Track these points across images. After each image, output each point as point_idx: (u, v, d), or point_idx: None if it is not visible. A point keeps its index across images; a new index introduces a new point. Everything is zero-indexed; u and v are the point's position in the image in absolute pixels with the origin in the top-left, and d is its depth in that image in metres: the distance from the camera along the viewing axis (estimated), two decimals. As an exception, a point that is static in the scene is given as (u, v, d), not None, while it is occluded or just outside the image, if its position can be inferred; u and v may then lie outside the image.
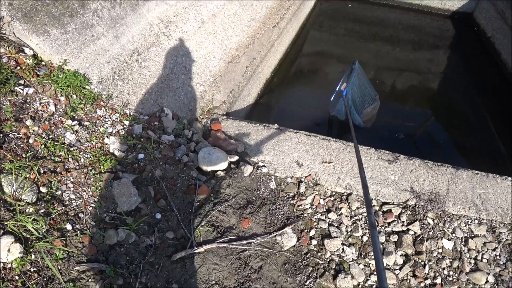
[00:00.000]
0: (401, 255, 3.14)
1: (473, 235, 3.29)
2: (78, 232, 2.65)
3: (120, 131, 3.31)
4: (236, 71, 4.76)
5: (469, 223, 3.35)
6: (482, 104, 6.50)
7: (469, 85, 7.04)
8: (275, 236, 3.09)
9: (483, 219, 3.36)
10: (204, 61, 4.44)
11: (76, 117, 3.18)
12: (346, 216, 3.34)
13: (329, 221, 3.29)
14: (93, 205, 2.80)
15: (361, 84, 5.34)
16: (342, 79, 5.23)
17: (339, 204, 3.41)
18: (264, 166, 3.62)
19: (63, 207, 2.68)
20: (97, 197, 2.85)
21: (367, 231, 3.25)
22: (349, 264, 3.05)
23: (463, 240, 3.25)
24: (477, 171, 3.71)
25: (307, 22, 8.25)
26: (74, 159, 2.93)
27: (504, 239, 3.27)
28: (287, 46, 6.93)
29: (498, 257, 3.18)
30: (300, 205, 3.37)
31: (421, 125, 5.99)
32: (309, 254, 3.07)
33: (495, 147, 5.65)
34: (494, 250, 3.22)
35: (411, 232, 3.26)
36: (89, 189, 2.85)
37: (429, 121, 6.10)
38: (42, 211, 2.56)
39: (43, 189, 2.65)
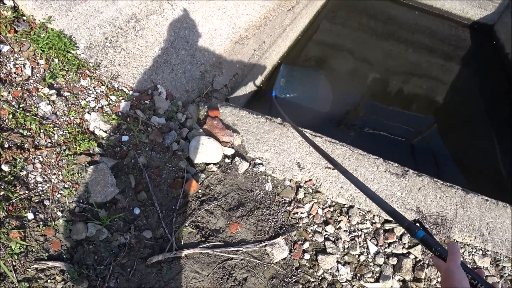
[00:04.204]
0: (399, 280, 2.88)
1: (475, 267, 3.04)
2: (41, 223, 2.27)
3: (104, 107, 2.90)
4: (243, 53, 4.33)
5: (473, 253, 3.11)
6: (490, 122, 6.20)
7: (478, 100, 6.72)
8: (266, 245, 2.75)
9: (488, 250, 3.13)
10: (209, 38, 4.01)
11: (55, 85, 2.78)
12: (344, 231, 3.02)
13: (326, 234, 2.98)
14: (62, 192, 2.42)
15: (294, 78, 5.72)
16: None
17: (338, 216, 3.08)
18: (261, 164, 3.25)
19: (27, 191, 2.30)
20: (68, 182, 2.46)
21: (365, 250, 2.95)
22: (342, 285, 2.76)
23: (465, 272, 2.97)
24: (487, 198, 3.45)
25: (322, 10, 7.81)
26: (46, 134, 2.53)
27: (507, 274, 3.05)
28: (298, 33, 6.50)
29: (499, 293, 2.91)
30: (296, 213, 3.03)
31: (422, 133, 5.74)
32: (300, 270, 2.75)
33: (496, 169, 5.37)
34: (495, 284, 2.94)
35: (411, 256, 2.99)
36: (59, 173, 2.46)
37: (430, 130, 5.84)
38: (0, 193, 2.18)
39: (5, 167, 2.27)
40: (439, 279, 2.90)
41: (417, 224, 1.28)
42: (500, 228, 3.24)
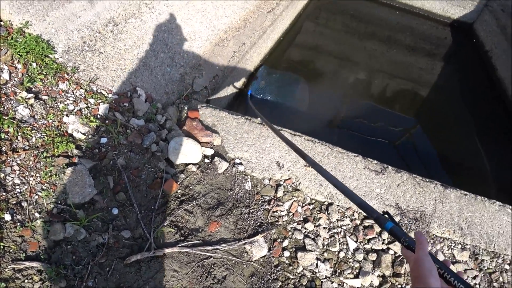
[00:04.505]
0: (378, 275, 2.91)
1: (454, 261, 3.08)
2: (18, 224, 2.29)
3: (83, 110, 2.93)
4: (223, 55, 4.38)
5: (452, 247, 3.15)
6: (471, 118, 6.30)
7: (460, 98, 6.82)
8: (245, 244, 2.78)
9: (467, 244, 3.17)
10: (189, 41, 4.05)
11: (33, 89, 2.80)
12: (324, 228, 3.05)
13: (305, 232, 3.01)
14: (40, 193, 2.44)
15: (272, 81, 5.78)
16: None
17: (318, 213, 3.12)
18: (241, 163, 3.29)
19: (4, 193, 2.32)
20: (45, 184, 2.48)
21: (344, 246, 2.99)
22: (322, 282, 2.78)
23: (444, 265, 3.02)
24: (465, 192, 3.50)
25: (303, 11, 7.89)
26: (24, 137, 2.55)
27: (486, 268, 3.08)
28: (280, 34, 6.56)
29: (477, 286, 3.00)
30: (276, 211, 3.07)
31: (405, 132, 5.78)
32: (279, 267, 2.78)
33: (479, 163, 5.46)
34: (474, 278, 3.03)
35: (391, 252, 3.02)
36: (37, 174, 2.48)
37: (414, 128, 5.89)
38: (-24, 196, 2.20)
39: (-19, 170, 2.28)
40: (417, 273, 2.94)
41: (386, 215, 1.31)
42: (479, 222, 3.28)
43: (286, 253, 2.86)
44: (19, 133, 2.54)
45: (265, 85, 5.52)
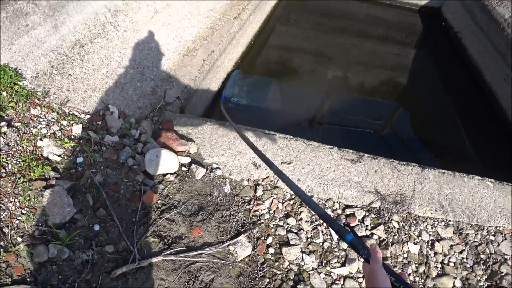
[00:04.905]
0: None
1: (439, 238, 3.14)
2: (1, 249, 2.33)
3: (57, 132, 2.98)
4: (192, 64, 4.45)
5: (435, 225, 3.21)
6: (449, 99, 6.44)
7: (435, 80, 6.97)
8: (228, 245, 2.85)
9: (450, 221, 3.23)
10: (157, 54, 4.12)
11: (5, 117, 2.84)
12: (306, 221, 3.12)
13: (288, 227, 3.07)
14: (20, 217, 2.48)
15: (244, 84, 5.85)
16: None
17: (299, 208, 3.19)
18: (218, 168, 3.36)
19: (-16, 221, 2.36)
20: (25, 208, 2.53)
21: (328, 237, 3.05)
22: (309, 274, 2.84)
23: (430, 244, 3.10)
24: (443, 170, 3.58)
25: (272, 14, 8.00)
26: (0, 165, 2.59)
27: (471, 241, 3.15)
28: (250, 38, 6.65)
29: (465, 260, 3.05)
30: (257, 210, 3.14)
31: (387, 121, 5.89)
32: (265, 264, 2.84)
33: (461, 142, 5.58)
34: (461, 252, 3.08)
35: (375, 237, 3.09)
36: (16, 200, 2.52)
37: (395, 116, 6.00)
38: (-44, 227, 2.24)
39: (-41, 201, 2.32)
40: (405, 255, 3.00)
41: (346, 227, 1.35)
42: (459, 198, 3.36)
43: (271, 250, 2.92)
44: (-5, 162, 2.59)
45: (238, 90, 5.58)
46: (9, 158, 2.67)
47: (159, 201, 3.03)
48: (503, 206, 3.33)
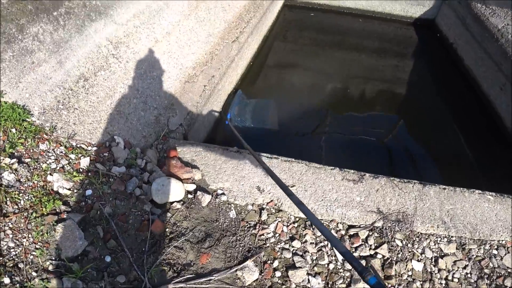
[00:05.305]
0: (370, 280, 3.00)
1: (443, 254, 3.18)
2: (18, 285, 2.40)
3: (65, 166, 3.07)
4: (193, 91, 4.56)
5: (438, 241, 3.25)
6: (447, 109, 6.54)
7: (433, 91, 7.08)
8: (236, 270, 2.91)
9: (452, 237, 3.27)
10: (159, 83, 4.23)
11: (15, 153, 2.94)
12: (311, 243, 3.18)
13: (293, 249, 3.13)
14: (34, 252, 2.56)
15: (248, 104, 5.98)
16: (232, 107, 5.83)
17: (303, 230, 3.26)
18: (223, 193, 3.44)
19: (0, 258, 2.44)
20: (39, 243, 2.61)
21: (333, 258, 3.11)
22: (316, 295, 2.90)
23: (433, 260, 3.15)
24: (444, 186, 3.63)
25: (270, 34, 8.15)
26: (12, 202, 2.69)
27: (475, 256, 3.18)
28: (249, 60, 6.78)
29: (469, 275, 3.09)
30: (262, 234, 3.20)
31: (387, 133, 5.94)
32: None
33: (461, 151, 5.65)
34: (464, 268, 3.12)
35: (379, 256, 3.13)
36: (29, 235, 2.61)
37: (395, 128, 6.07)
38: (-27, 265, 2.32)
39: (-25, 240, 2.40)
40: (409, 273, 3.05)
41: (370, 270, 1.36)
42: (461, 213, 3.39)
43: (278, 273, 2.97)
44: (8, 198, 2.67)
45: (242, 111, 5.65)
46: (21, 194, 2.76)
47: (167, 229, 3.10)
48: (504, 220, 3.37)
